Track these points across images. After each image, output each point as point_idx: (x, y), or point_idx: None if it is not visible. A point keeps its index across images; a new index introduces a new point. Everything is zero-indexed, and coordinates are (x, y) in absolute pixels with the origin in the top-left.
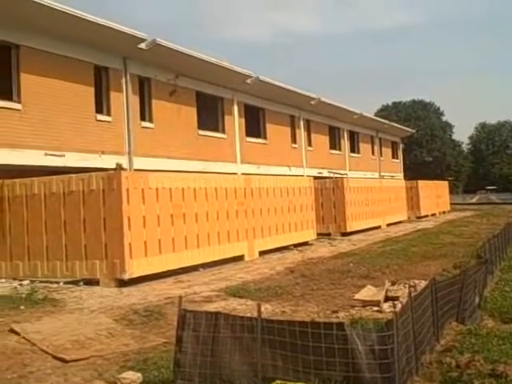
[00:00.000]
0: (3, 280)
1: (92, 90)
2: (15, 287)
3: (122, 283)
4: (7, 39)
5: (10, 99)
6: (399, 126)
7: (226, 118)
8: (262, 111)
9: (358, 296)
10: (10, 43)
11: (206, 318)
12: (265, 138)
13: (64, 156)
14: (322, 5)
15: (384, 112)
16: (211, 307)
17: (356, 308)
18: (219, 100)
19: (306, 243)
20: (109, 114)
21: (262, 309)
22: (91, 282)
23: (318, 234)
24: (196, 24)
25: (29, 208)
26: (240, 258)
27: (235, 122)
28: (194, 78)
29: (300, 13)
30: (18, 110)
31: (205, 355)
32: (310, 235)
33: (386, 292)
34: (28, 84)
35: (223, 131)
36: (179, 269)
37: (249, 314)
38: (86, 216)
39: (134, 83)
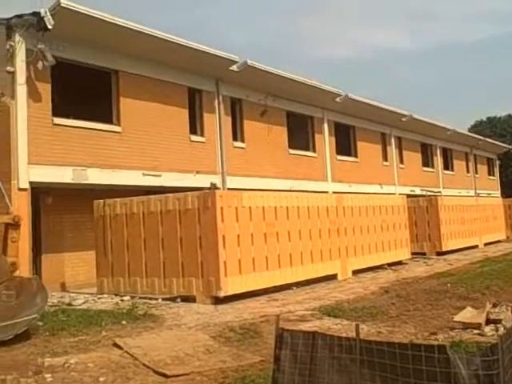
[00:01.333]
0: (106, 295)
1: (186, 111)
2: (117, 302)
3: (218, 301)
4: (107, 65)
5: (110, 122)
6: (495, 141)
7: (317, 136)
8: (352, 129)
9: (457, 318)
10: (109, 69)
11: (304, 337)
12: (356, 155)
13: (160, 176)
14: (409, 19)
15: (478, 127)
16: (306, 326)
17: (455, 330)
18: (309, 119)
19: (399, 262)
20: (202, 134)
21: None
22: (188, 299)
23: (412, 254)
24: (286, 44)
25: (128, 226)
26: (333, 277)
27: (325, 140)
28: (284, 97)
29: (388, 28)
30: (117, 132)
31: (303, 375)
32: (403, 254)
33: (487, 314)
34: (126, 107)
35: (314, 150)
36: (272, 287)
37: (344, 334)
38: (182, 234)
39: (226, 104)
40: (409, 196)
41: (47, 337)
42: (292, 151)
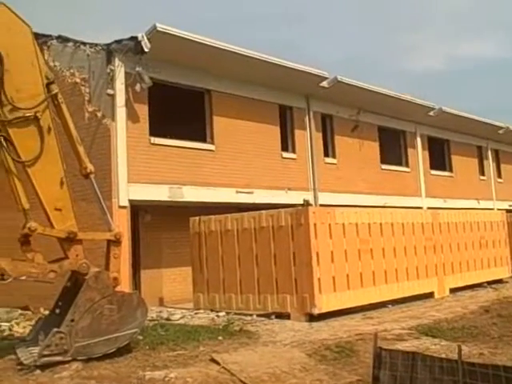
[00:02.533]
0: (202, 311)
1: (277, 128)
2: (213, 318)
3: (312, 318)
4: (201, 85)
5: (204, 141)
6: None
7: (409, 151)
8: (446, 143)
9: None
10: (203, 89)
11: (403, 357)
12: (450, 170)
13: (253, 193)
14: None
15: None
16: (404, 346)
17: None
18: (401, 133)
19: (500, 281)
20: (294, 151)
21: None
22: (282, 316)
23: None
24: (376, 58)
25: (223, 243)
26: (429, 295)
27: (419, 155)
28: (375, 112)
29: (483, 40)
30: (211, 150)
31: None
32: (504, 272)
33: None
34: (219, 126)
35: (406, 165)
36: (367, 305)
37: (444, 355)
38: (275, 251)
39: (317, 120)
40: (508, 211)
41: (147, 351)
42: (384, 166)
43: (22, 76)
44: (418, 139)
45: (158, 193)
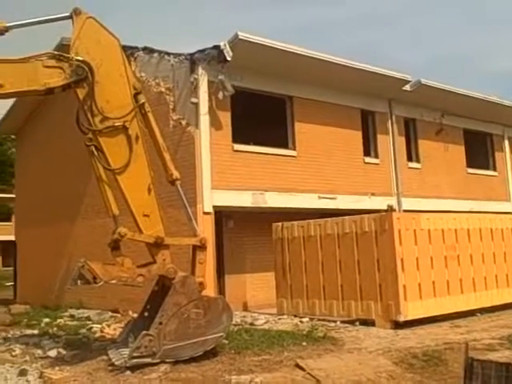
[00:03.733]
0: (285, 316)
1: (360, 133)
2: (296, 324)
3: (397, 325)
4: (282, 92)
5: (286, 147)
6: None
7: (497, 154)
8: None
9: None
10: (284, 95)
11: (496, 368)
12: None
13: (336, 199)
14: None
15: None
16: (495, 356)
17: None
18: (488, 136)
19: None
20: (376, 156)
21: None
22: (366, 323)
23: None
24: (459, 59)
25: (306, 248)
26: None
27: (506, 158)
28: (460, 115)
29: None
30: (293, 156)
31: None
32: None
33: None
34: (301, 132)
35: (494, 168)
36: (454, 313)
37: None
38: (359, 257)
39: (400, 125)
40: None
41: (233, 355)
42: (470, 170)
43: (111, 87)
44: (506, 142)
45: (241, 199)
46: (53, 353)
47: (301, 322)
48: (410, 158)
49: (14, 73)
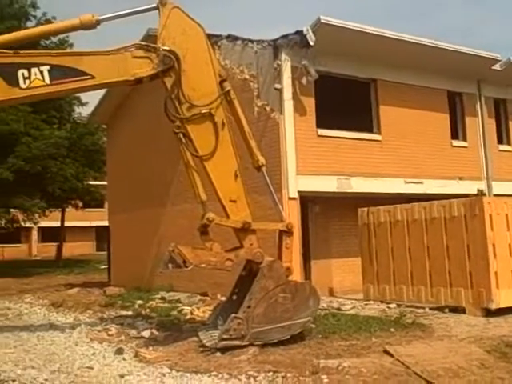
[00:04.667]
0: (372, 302)
1: (447, 116)
2: (383, 309)
3: (489, 313)
4: (366, 76)
5: (370, 131)
6: None
7: None
8: None
9: None
10: (368, 79)
11: None
12: None
13: (422, 183)
14: None
15: None
16: None
17: None
18: None
19: None
20: (464, 139)
21: None
22: (456, 310)
23: None
24: None
25: (392, 234)
26: None
27: None
28: None
29: None
30: (378, 140)
31: None
32: None
33: None
34: (386, 115)
35: None
36: None
37: None
38: (448, 243)
39: (489, 106)
40: None
41: (320, 339)
42: None
43: (197, 75)
44: None
45: (327, 184)
46: (146, 333)
47: (388, 307)
48: (500, 141)
49: (104, 64)
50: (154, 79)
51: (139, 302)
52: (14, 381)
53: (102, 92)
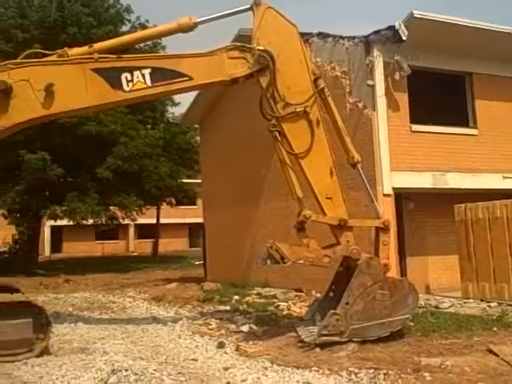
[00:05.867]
0: (471, 300)
1: None
2: (484, 308)
3: None
4: (460, 69)
5: (465, 126)
6: None
7: None
8: None
9: None
10: (463, 72)
11: None
12: None
13: None
14: None
15: None
16: None
17: None
18: None
19: None
20: None
21: None
22: None
23: None
24: None
25: (492, 231)
26: None
27: None
28: None
29: None
30: (473, 135)
31: None
32: None
33: None
34: (482, 109)
35: None
36: None
37: None
38: None
39: None
40: None
41: (419, 337)
42: None
43: (291, 74)
44: None
45: (421, 180)
46: (245, 328)
47: (489, 306)
48: None
49: (202, 66)
50: (249, 79)
51: (236, 297)
52: (126, 370)
53: (195, 92)
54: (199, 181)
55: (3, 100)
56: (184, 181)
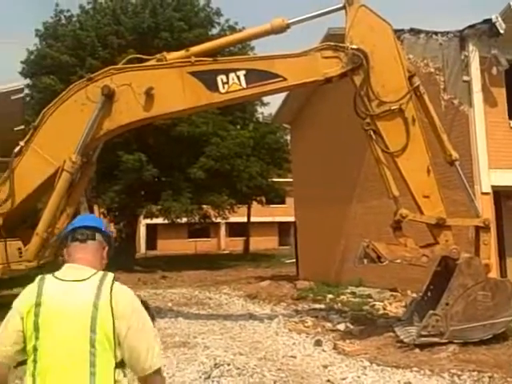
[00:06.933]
0: None
1: None
2: None
3: None
4: None
5: None
6: None
7: None
8: None
9: None
10: None
11: None
12: None
13: None
14: None
15: None
16: None
17: None
18: None
19: None
20: None
21: None
22: None
23: None
24: None
25: None
26: None
27: None
28: None
29: None
30: None
31: None
32: None
33: None
34: None
35: None
36: None
37: None
38: None
39: None
40: None
41: None
42: None
43: (386, 72)
44: None
45: None
46: (341, 326)
47: None
48: None
49: (295, 66)
50: (343, 78)
51: (330, 295)
52: (228, 365)
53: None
54: (289, 179)
55: (107, 104)
56: (274, 180)
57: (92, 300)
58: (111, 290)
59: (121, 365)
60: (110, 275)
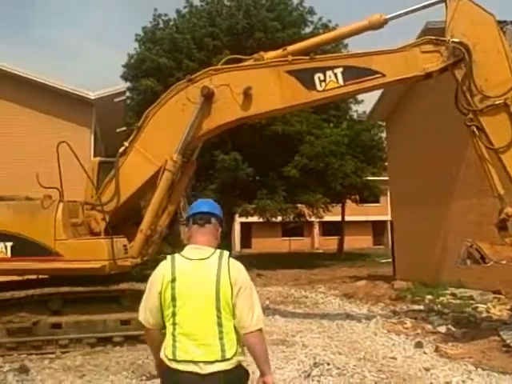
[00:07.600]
0: None
1: None
2: None
3: None
4: None
5: None
6: None
7: None
8: None
9: None
10: None
11: None
12: None
13: None
14: None
15: None
16: None
17: None
18: None
19: None
20: None
21: None
22: None
23: None
24: None
25: None
26: None
27: None
28: None
29: None
30: None
31: None
32: None
33: None
34: None
35: None
36: None
37: None
38: None
39: None
40: None
41: None
42: None
43: (489, 65)
44: None
45: None
46: (442, 329)
47: None
48: None
49: (394, 62)
50: (443, 73)
51: (429, 296)
52: (328, 364)
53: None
54: (383, 178)
55: (206, 104)
56: (368, 178)
57: (215, 274)
58: (228, 265)
59: None
60: (226, 253)
